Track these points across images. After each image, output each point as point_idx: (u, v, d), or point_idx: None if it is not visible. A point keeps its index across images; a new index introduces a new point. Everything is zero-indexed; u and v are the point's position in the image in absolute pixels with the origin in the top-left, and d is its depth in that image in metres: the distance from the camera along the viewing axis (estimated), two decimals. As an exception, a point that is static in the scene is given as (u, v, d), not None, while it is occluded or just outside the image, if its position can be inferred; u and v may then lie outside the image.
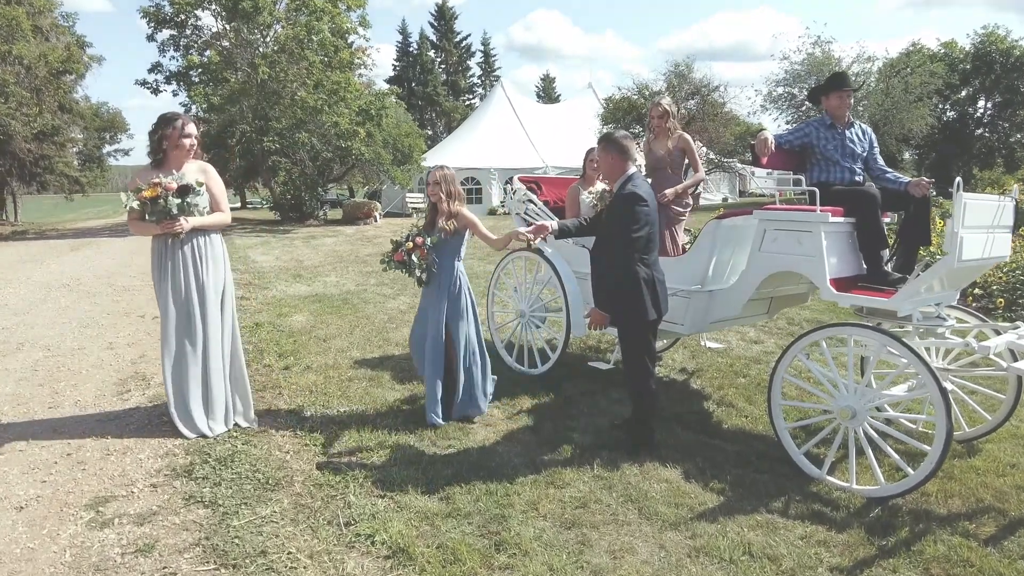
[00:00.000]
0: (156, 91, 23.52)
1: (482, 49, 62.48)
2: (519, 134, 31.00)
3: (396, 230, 4.73)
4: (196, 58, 22.68)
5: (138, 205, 4.06)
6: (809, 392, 4.31)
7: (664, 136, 5.54)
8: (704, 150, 26.59)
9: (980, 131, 33.18)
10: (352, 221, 24.20)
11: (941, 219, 8.43)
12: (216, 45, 23.02)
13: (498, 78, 50.36)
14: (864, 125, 4.68)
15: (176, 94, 23.73)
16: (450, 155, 29.24)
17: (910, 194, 4.21)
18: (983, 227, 3.72)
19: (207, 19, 23.06)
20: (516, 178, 6.10)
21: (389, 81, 54.28)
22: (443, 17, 59.93)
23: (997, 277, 7.81)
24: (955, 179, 3.61)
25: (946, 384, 3.60)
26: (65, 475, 3.79)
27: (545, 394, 5.15)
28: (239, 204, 39.35)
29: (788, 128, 7.40)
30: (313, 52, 21.59)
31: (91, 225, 26.04)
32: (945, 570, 2.92)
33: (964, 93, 32.70)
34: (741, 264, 4.63)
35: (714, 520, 3.30)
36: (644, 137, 5.94)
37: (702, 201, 27.85)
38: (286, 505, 3.45)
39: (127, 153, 35.74)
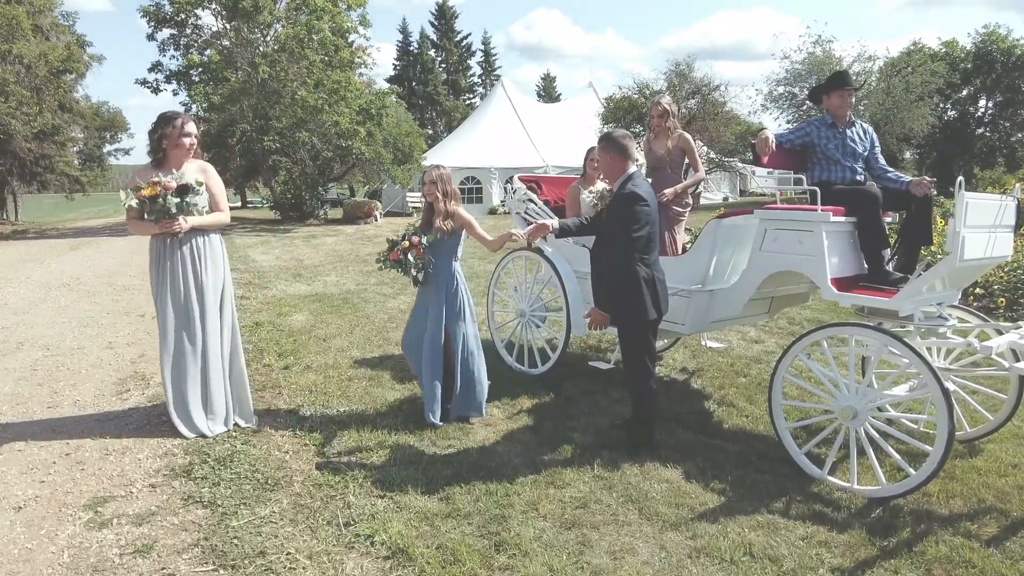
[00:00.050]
0: (156, 90, 23.54)
1: (482, 48, 62.59)
2: (519, 133, 31.00)
3: (396, 229, 4.72)
4: (196, 57, 22.69)
5: (137, 204, 4.04)
6: (810, 392, 4.30)
7: (664, 135, 5.52)
8: (705, 149, 26.57)
9: (981, 130, 33.16)
10: (352, 220, 24.21)
11: (942, 218, 8.42)
12: (216, 44, 23.02)
13: (498, 77, 50.45)
14: (865, 124, 4.66)
15: (176, 93, 23.80)
16: (450, 154, 29.25)
17: (912, 193, 4.19)
18: (985, 226, 3.71)
19: (207, 18, 23.11)
20: (516, 177, 6.09)
21: (389, 80, 54.33)
22: (443, 16, 59.92)
23: (998, 277, 7.80)
24: (957, 178, 3.60)
25: (948, 384, 3.58)
26: (64, 475, 3.78)
27: (545, 394, 5.13)
28: (239, 203, 39.38)
29: (789, 127, 7.39)
30: (313, 51, 21.59)
31: (91, 224, 26.03)
32: (947, 571, 2.91)
33: (965, 92, 32.69)
34: (742, 264, 4.61)
35: (715, 520, 3.29)
36: (644, 136, 5.92)
37: (703, 200, 27.85)
38: (285, 505, 3.44)
39: (127, 152, 35.82)
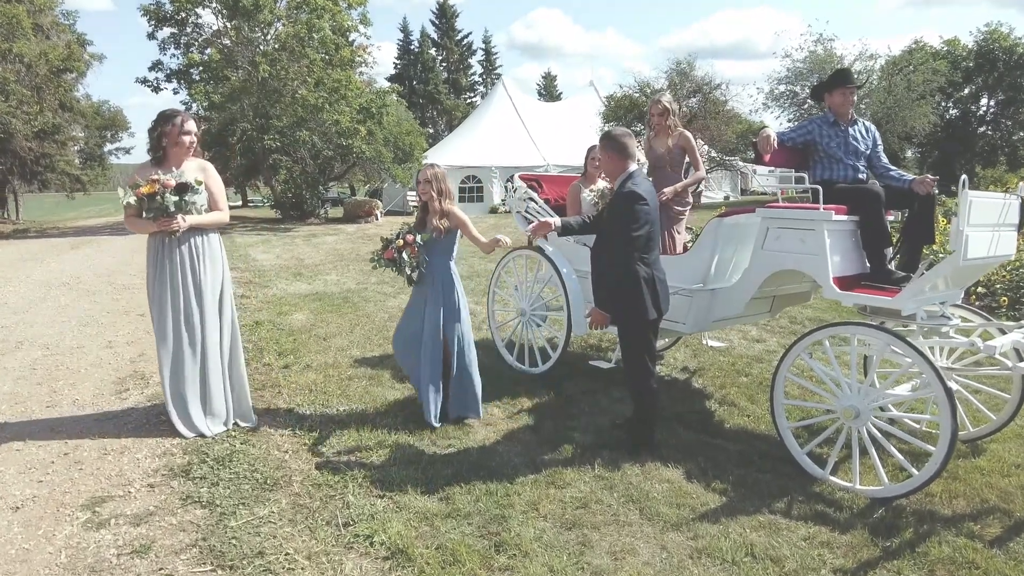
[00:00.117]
0: (157, 89, 23.58)
1: (483, 47, 62.54)
2: (520, 132, 30.96)
3: (395, 228, 4.70)
4: (197, 56, 22.70)
5: (135, 201, 4.02)
6: (812, 391, 4.28)
7: (664, 134, 5.49)
8: (706, 148, 26.53)
9: (983, 129, 33.13)
10: (353, 219, 24.21)
11: (944, 217, 8.39)
12: (217, 43, 23.02)
13: (499, 76, 50.40)
14: (868, 123, 4.63)
15: (177, 92, 23.84)
16: (451, 153, 29.24)
17: (914, 192, 4.17)
18: (988, 225, 3.68)
19: (208, 17, 23.14)
20: (517, 176, 6.07)
21: (390, 79, 54.18)
22: (444, 15, 59.88)
23: (1001, 276, 7.77)
24: (960, 177, 3.58)
25: (950, 384, 3.56)
26: (62, 475, 3.76)
27: (546, 393, 5.12)
28: (240, 202, 39.36)
29: (790, 126, 7.36)
30: (314, 50, 21.59)
31: (92, 223, 26.01)
32: (950, 572, 2.89)
33: (967, 91, 32.67)
34: (743, 262, 4.59)
35: (716, 521, 3.27)
36: (644, 135, 5.89)
37: (703, 199, 27.82)
38: (284, 505, 3.43)
39: (128, 151, 35.94)
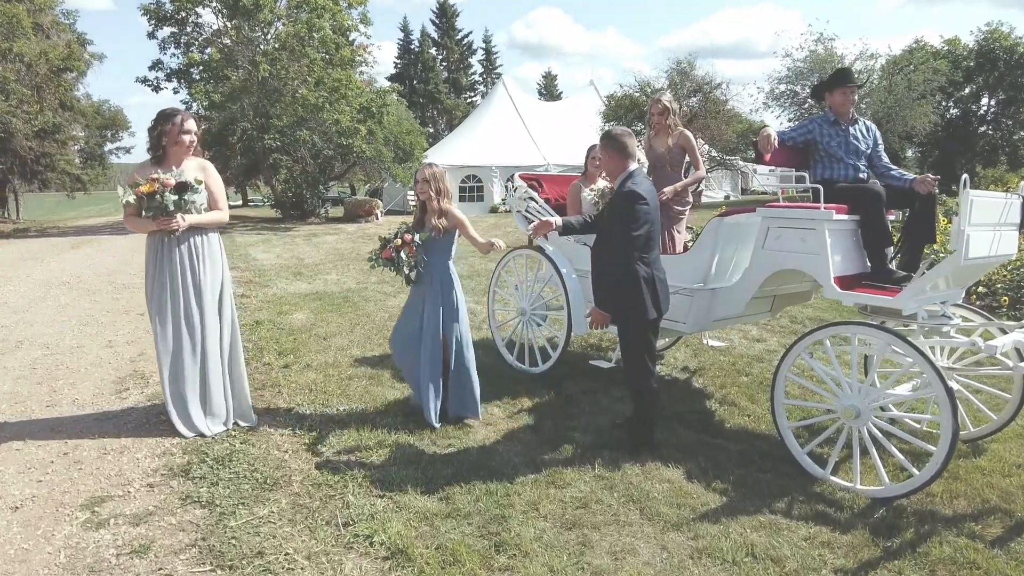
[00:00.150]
0: (157, 89, 23.57)
1: (484, 47, 62.49)
2: (521, 132, 30.94)
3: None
4: (197, 55, 22.69)
5: (134, 200, 4.02)
6: (813, 391, 4.28)
7: (664, 133, 5.47)
8: (706, 148, 26.51)
9: (983, 128, 33.08)
10: (353, 219, 24.21)
11: (945, 217, 8.37)
12: (217, 42, 23.01)
13: (500, 76, 50.31)
14: (868, 122, 4.62)
15: (177, 91, 23.82)
16: (452, 153, 29.23)
17: (915, 191, 4.16)
18: (990, 224, 3.68)
19: (208, 16, 23.12)
20: (517, 175, 6.07)
21: (390, 79, 54.17)
22: (444, 15, 59.85)
23: (1001, 275, 7.76)
24: (961, 176, 3.57)
25: (951, 383, 3.56)
26: (61, 474, 3.76)
27: (546, 393, 5.11)
28: (241, 202, 39.37)
29: (791, 125, 7.35)
30: (314, 49, 21.57)
31: (92, 223, 26.02)
32: (951, 572, 2.88)
33: (967, 90, 32.61)
34: (744, 262, 4.58)
35: (717, 521, 3.26)
36: (644, 134, 5.87)
37: (704, 199, 27.81)
38: (284, 505, 3.42)
39: (128, 151, 35.92)
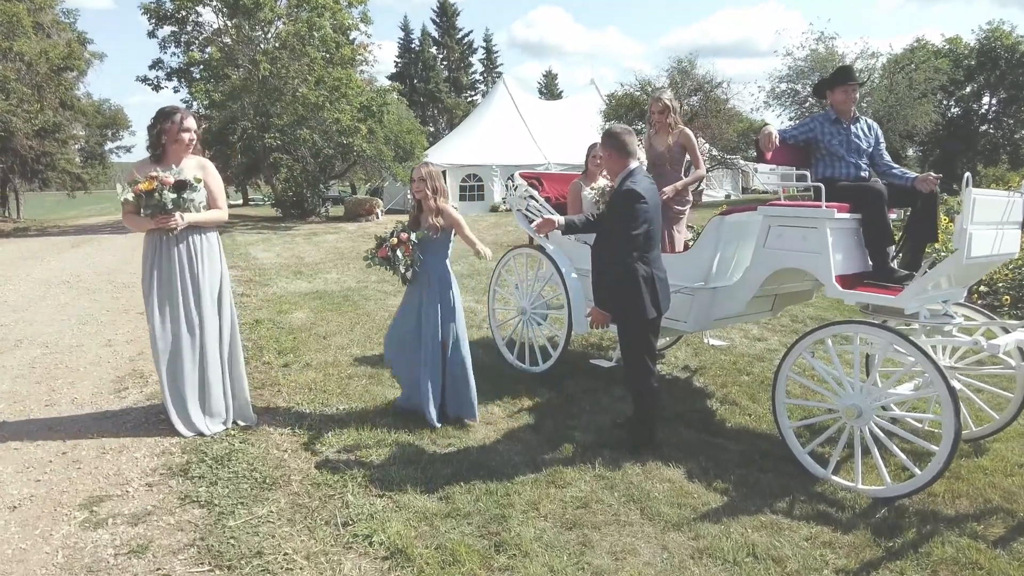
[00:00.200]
0: (157, 88, 23.55)
1: (484, 46, 62.38)
2: (521, 131, 30.93)
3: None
4: (197, 54, 22.67)
5: (132, 198, 4.00)
6: (814, 390, 4.26)
7: (665, 132, 5.45)
8: (707, 147, 26.47)
9: (985, 127, 33.02)
10: (354, 218, 24.21)
11: (947, 215, 8.36)
12: (217, 41, 22.99)
13: (500, 75, 50.16)
14: (870, 120, 4.61)
15: (177, 90, 23.79)
16: (452, 152, 29.22)
17: (917, 190, 4.14)
18: (992, 223, 3.66)
19: (208, 15, 23.10)
20: (518, 174, 6.06)
21: (391, 78, 54.09)
22: (445, 14, 59.78)
23: (1003, 274, 7.75)
24: (964, 175, 3.55)
25: (953, 383, 3.54)
26: (60, 474, 3.74)
27: (546, 392, 5.10)
28: (241, 201, 39.37)
29: (792, 124, 7.34)
30: (314, 48, 21.56)
31: (92, 222, 26.00)
32: (953, 572, 2.87)
33: (969, 89, 32.53)
34: (745, 261, 4.57)
35: (717, 521, 3.25)
36: (645, 133, 5.85)
37: (704, 198, 27.77)
38: (283, 505, 3.41)
39: (129, 150, 35.92)
